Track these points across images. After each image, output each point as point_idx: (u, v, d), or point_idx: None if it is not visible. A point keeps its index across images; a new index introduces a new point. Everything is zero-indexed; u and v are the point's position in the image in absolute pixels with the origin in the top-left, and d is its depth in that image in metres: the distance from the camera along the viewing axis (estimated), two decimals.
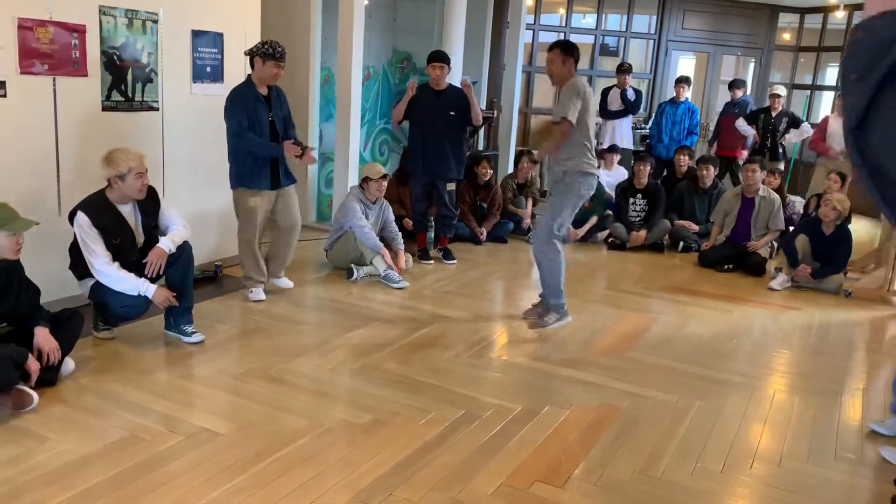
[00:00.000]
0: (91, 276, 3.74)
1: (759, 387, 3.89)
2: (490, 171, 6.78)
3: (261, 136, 4.47)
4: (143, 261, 3.78)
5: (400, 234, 5.65)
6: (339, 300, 4.89)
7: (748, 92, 8.85)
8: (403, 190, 6.48)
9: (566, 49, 4.37)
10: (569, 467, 2.90)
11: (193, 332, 3.96)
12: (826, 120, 7.77)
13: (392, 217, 5.64)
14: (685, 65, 10.84)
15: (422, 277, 5.51)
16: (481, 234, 6.65)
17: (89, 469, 2.68)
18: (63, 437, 2.88)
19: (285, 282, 4.97)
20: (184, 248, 3.93)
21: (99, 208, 3.72)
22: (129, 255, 3.79)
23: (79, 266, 3.79)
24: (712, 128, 8.78)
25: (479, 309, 4.91)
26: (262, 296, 4.71)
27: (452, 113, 5.66)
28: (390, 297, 5.01)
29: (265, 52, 4.42)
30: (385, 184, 5.46)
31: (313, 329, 4.37)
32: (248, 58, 4.52)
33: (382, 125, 7.78)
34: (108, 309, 3.82)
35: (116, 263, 3.71)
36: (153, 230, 3.93)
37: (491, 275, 5.81)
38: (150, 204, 3.90)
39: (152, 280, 3.79)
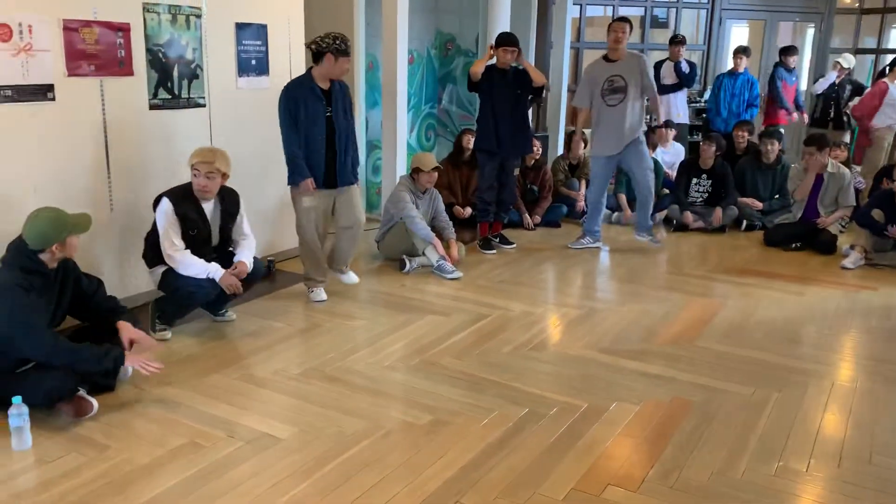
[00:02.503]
0: (162, 263, 3.81)
1: (839, 375, 3.67)
2: (539, 151, 6.60)
3: (315, 131, 4.30)
4: (230, 272, 3.88)
5: (451, 222, 5.52)
6: (392, 293, 4.80)
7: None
8: (454, 175, 6.34)
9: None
10: (642, 469, 2.76)
11: (224, 311, 4.20)
12: (885, 86, 7.36)
13: (442, 206, 5.52)
14: (739, 34, 10.40)
15: (475, 267, 5.38)
16: (532, 222, 6.50)
17: (152, 478, 2.64)
18: (124, 445, 2.85)
19: (350, 277, 4.84)
20: (256, 266, 4.06)
21: (184, 198, 3.83)
22: (203, 250, 3.88)
23: (152, 254, 3.88)
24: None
25: (537, 298, 4.76)
26: (324, 296, 4.60)
27: (519, 91, 5.55)
28: (444, 289, 4.89)
29: (338, 49, 4.19)
30: (436, 175, 5.34)
31: (368, 324, 4.28)
32: (310, 52, 4.27)
33: (428, 110, 7.63)
34: (177, 291, 3.85)
35: (188, 251, 3.80)
36: (229, 232, 4.04)
37: (545, 262, 5.64)
38: (231, 207, 4.01)
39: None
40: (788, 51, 8.00)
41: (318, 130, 4.31)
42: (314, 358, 3.75)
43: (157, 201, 3.83)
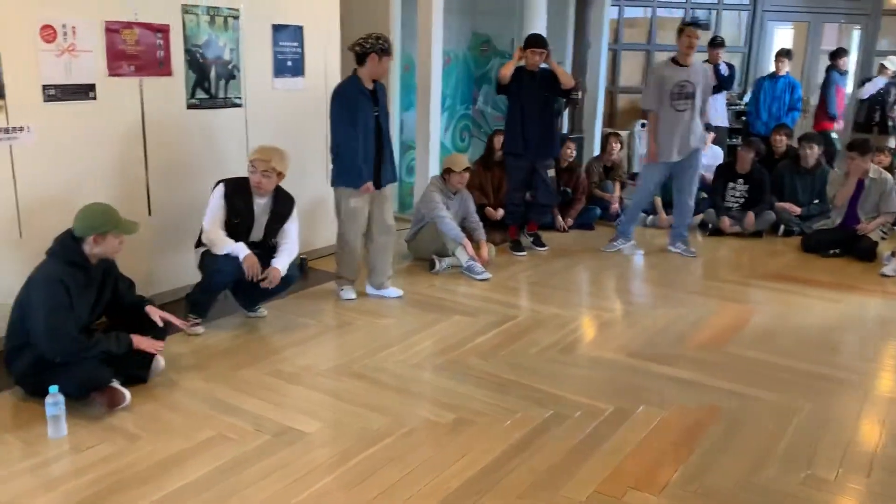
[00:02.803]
0: (205, 245, 3.98)
1: (874, 384, 3.60)
2: (573, 153, 6.58)
3: (365, 132, 4.31)
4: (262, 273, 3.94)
5: (481, 223, 5.53)
6: (421, 292, 4.82)
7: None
8: (486, 176, 6.34)
9: None
10: (666, 474, 2.73)
11: (257, 308, 4.29)
12: None
13: (473, 207, 5.53)
14: (782, 36, 10.21)
15: (505, 268, 5.38)
16: (564, 224, 6.48)
17: (179, 469, 2.70)
18: (154, 436, 2.92)
19: (393, 291, 4.70)
20: (290, 273, 4.10)
21: (238, 188, 3.99)
22: (240, 239, 3.96)
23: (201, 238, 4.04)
24: (814, 102, 8.25)
25: (566, 301, 4.75)
26: (354, 295, 4.64)
27: (547, 94, 5.54)
28: (473, 290, 4.91)
29: (382, 49, 4.23)
30: (467, 176, 5.35)
31: (396, 323, 4.31)
32: (354, 54, 4.27)
33: (463, 111, 7.66)
34: (205, 271, 3.96)
35: (223, 233, 3.93)
36: (273, 233, 4.11)
37: (577, 265, 5.61)
38: (282, 208, 4.11)
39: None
40: (839, 53, 7.84)
41: (369, 131, 4.34)
42: (343, 355, 3.79)
43: (217, 184, 4.00)
